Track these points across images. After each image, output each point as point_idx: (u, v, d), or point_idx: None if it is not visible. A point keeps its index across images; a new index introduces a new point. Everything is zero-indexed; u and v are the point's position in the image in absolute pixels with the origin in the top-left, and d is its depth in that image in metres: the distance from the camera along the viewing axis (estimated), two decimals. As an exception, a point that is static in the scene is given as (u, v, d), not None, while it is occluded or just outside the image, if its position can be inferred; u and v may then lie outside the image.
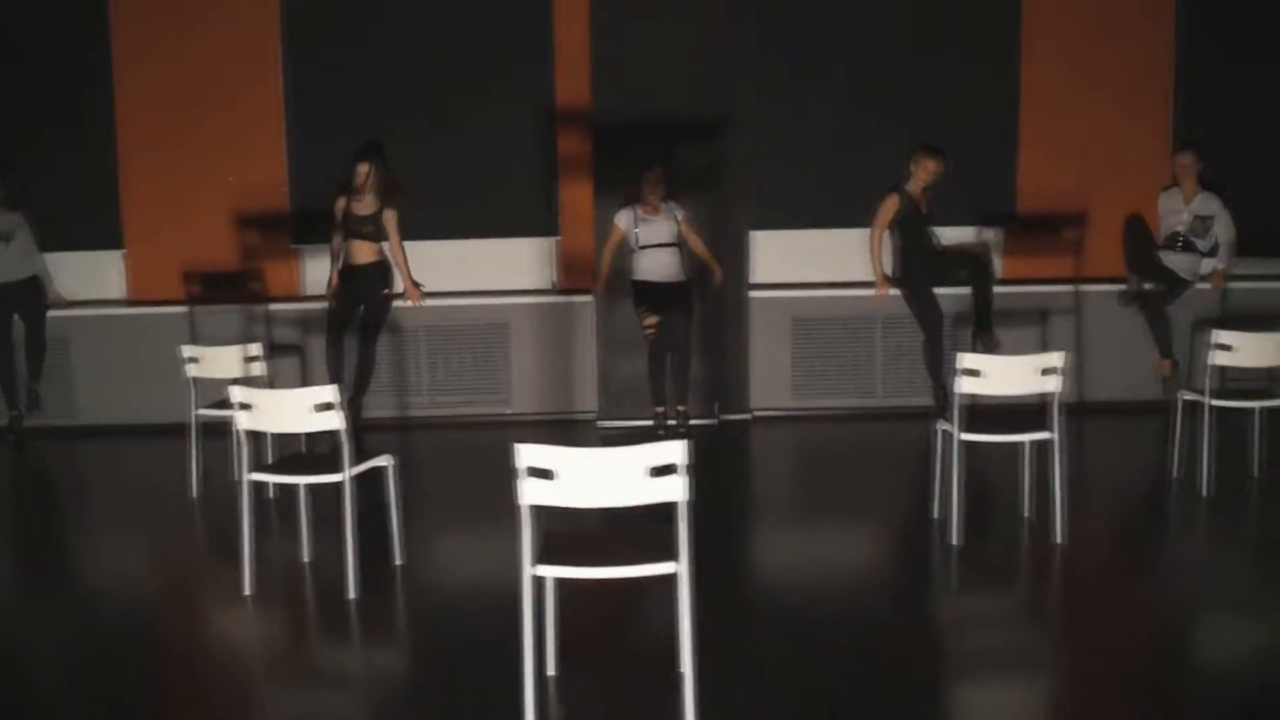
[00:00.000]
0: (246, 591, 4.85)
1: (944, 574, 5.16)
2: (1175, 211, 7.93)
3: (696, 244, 7.85)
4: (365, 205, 7.69)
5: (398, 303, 7.95)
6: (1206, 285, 8.02)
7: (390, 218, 7.70)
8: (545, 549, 3.65)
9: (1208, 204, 7.83)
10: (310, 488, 5.24)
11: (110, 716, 3.80)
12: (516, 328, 8.24)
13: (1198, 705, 3.80)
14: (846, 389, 8.24)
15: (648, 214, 7.74)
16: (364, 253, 7.75)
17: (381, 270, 7.81)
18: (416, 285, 7.81)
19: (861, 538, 5.76)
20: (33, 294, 8.07)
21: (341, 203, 7.73)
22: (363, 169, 7.64)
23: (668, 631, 3.62)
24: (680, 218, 7.79)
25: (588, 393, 8.26)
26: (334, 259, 7.86)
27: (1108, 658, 4.17)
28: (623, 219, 7.78)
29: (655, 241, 7.70)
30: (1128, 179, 8.28)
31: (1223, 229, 7.83)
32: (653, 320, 7.60)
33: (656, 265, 7.69)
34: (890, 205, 7.68)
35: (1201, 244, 7.85)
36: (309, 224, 8.34)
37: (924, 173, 7.63)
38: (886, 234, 7.75)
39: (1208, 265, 7.97)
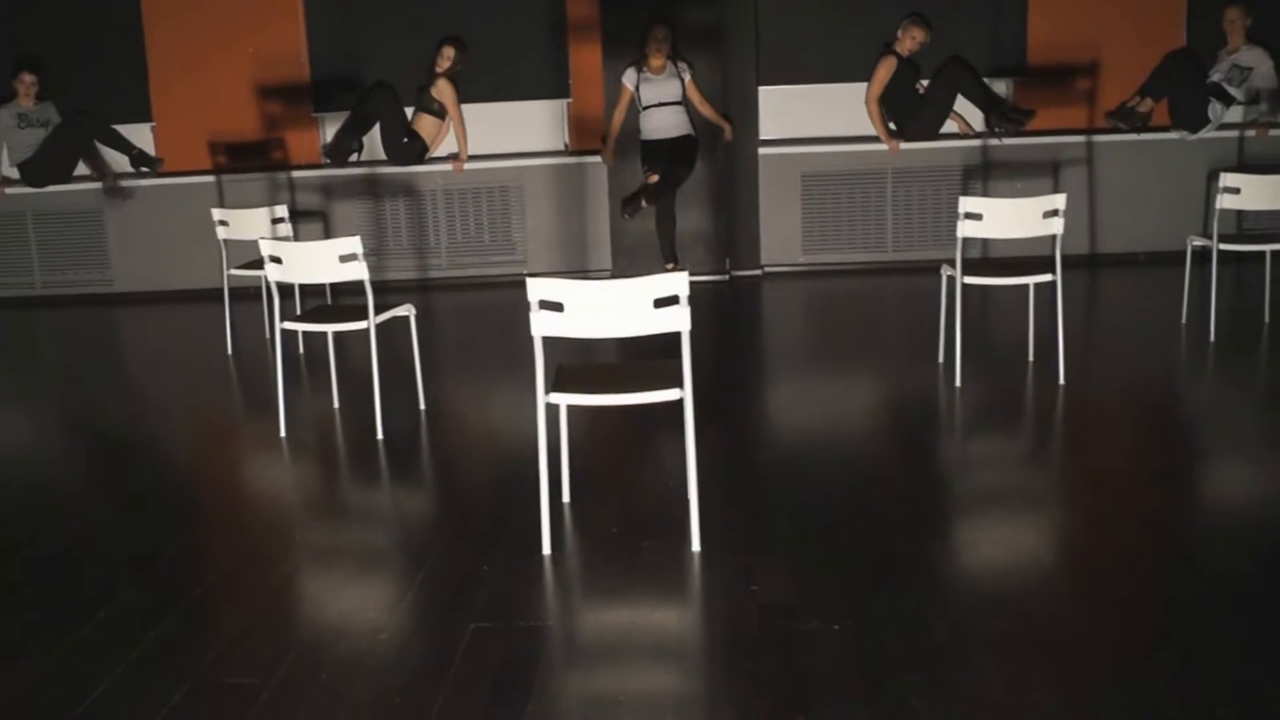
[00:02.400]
0: (282, 434, 5.10)
1: (946, 412, 5.30)
2: (1217, 62, 7.95)
3: (703, 105, 7.88)
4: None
5: (429, 167, 8.23)
6: (1246, 134, 8.01)
7: (438, 89, 7.98)
8: (558, 380, 3.85)
9: (1249, 55, 7.82)
10: (337, 340, 5.46)
11: (156, 546, 4.01)
12: (531, 189, 8.35)
13: (1192, 538, 3.84)
14: (857, 243, 8.30)
15: (652, 73, 7.76)
16: (425, 127, 8.16)
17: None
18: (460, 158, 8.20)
19: (866, 381, 5.90)
20: None
21: None
22: (447, 52, 7.99)
23: (676, 463, 3.79)
24: (688, 79, 7.81)
25: (602, 251, 8.38)
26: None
27: (1105, 493, 4.22)
28: (629, 78, 7.81)
29: (658, 101, 7.74)
30: (1141, 28, 8.20)
31: (1264, 79, 7.81)
32: (654, 178, 7.66)
33: (660, 124, 7.73)
34: (888, 66, 7.90)
35: (1236, 93, 7.83)
36: (329, 92, 8.48)
37: (911, 40, 7.92)
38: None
39: (1234, 115, 7.97)
